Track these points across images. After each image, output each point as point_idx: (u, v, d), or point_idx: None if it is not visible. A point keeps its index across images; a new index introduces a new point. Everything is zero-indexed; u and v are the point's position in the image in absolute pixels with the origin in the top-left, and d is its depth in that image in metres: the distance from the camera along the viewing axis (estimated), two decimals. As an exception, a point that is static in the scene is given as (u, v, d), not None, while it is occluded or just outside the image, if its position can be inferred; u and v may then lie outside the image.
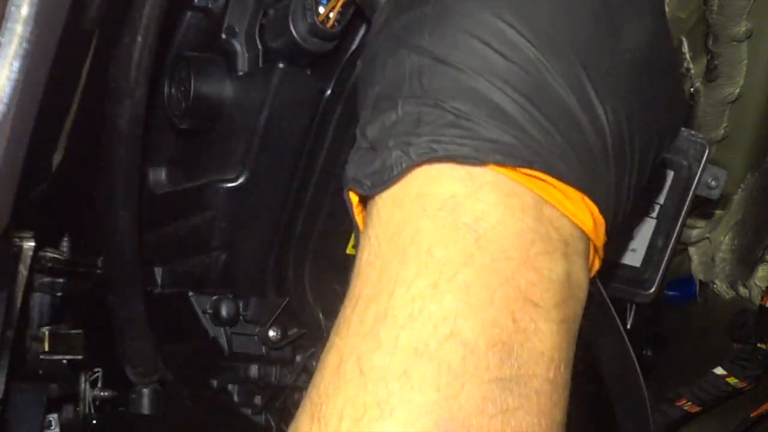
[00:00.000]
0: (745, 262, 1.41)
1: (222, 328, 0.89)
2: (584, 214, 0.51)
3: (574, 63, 0.50)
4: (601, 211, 0.51)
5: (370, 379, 0.45)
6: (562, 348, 0.49)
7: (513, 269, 0.47)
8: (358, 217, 0.54)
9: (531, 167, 0.48)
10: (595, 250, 0.53)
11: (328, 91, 0.80)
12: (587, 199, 0.51)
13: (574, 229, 0.50)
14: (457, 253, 0.47)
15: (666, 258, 0.78)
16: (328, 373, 0.48)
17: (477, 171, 0.48)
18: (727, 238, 1.40)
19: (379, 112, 0.52)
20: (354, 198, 0.53)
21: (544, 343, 0.47)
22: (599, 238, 0.52)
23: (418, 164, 0.49)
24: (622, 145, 0.52)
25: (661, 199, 0.78)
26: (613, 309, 0.66)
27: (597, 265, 0.54)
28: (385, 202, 0.50)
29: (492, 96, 0.49)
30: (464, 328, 0.46)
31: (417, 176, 0.49)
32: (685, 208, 0.78)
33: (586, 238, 0.51)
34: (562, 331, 0.49)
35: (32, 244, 0.73)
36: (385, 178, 0.49)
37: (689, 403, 1.42)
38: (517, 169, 0.48)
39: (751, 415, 1.39)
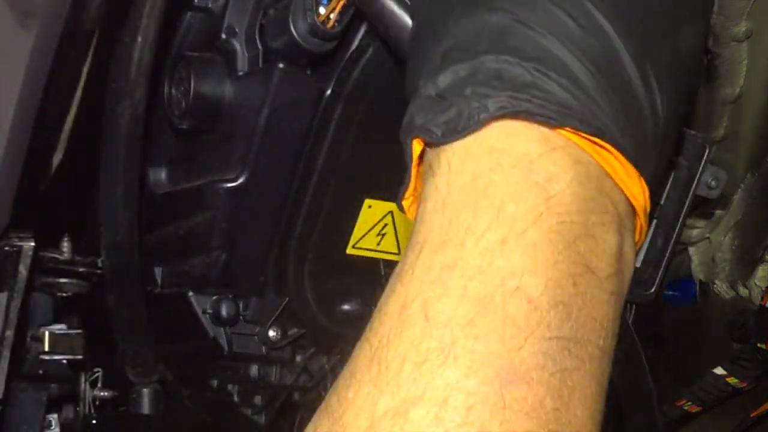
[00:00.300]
0: (745, 262, 1.41)
1: (222, 328, 0.89)
2: (639, 193, 0.52)
3: (642, 50, 0.51)
4: (651, 191, 0.52)
5: (435, 326, 0.46)
6: (611, 318, 0.49)
7: (576, 234, 0.48)
8: (415, 169, 0.53)
9: (602, 138, 0.49)
10: (641, 229, 0.54)
11: (328, 91, 0.80)
12: (642, 180, 0.52)
13: (628, 206, 0.52)
14: (528, 210, 0.48)
15: (666, 258, 0.78)
16: (388, 318, 0.48)
17: (550, 134, 0.49)
18: (727, 238, 1.40)
19: (452, 63, 0.52)
20: (417, 148, 0.52)
21: (597, 311, 0.48)
22: (645, 217, 0.53)
23: (496, 118, 0.49)
24: (667, 136, 0.53)
25: (661, 199, 0.78)
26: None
27: (639, 241, 0.55)
28: (457, 151, 0.50)
29: (569, 63, 0.50)
30: (530, 285, 0.46)
31: (492, 130, 0.49)
32: (685, 208, 0.78)
33: (635, 216, 0.53)
34: (612, 302, 0.49)
35: (32, 244, 0.73)
36: (461, 128, 0.49)
37: (689, 403, 1.42)
38: (589, 137, 0.49)
39: (751, 415, 1.39)
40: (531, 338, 0.46)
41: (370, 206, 0.87)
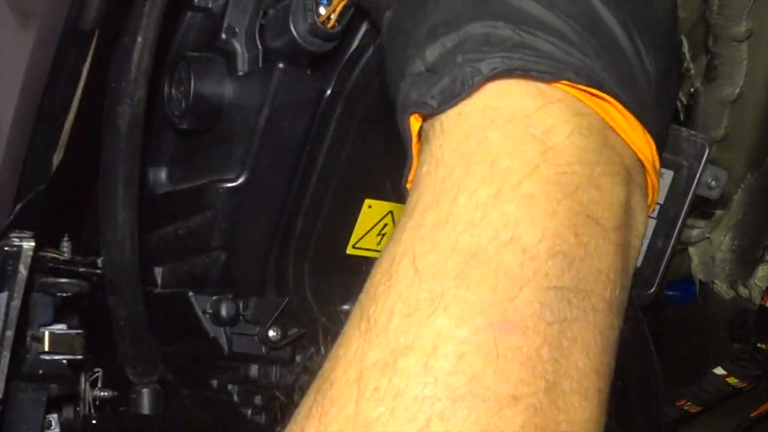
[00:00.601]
0: (745, 262, 1.41)
1: (222, 328, 0.89)
2: (645, 147, 0.51)
3: (622, 11, 0.51)
4: (658, 148, 0.52)
5: (425, 278, 0.45)
6: (618, 271, 0.48)
7: (577, 184, 0.47)
8: (415, 147, 0.52)
9: (601, 89, 0.48)
10: (652, 187, 0.53)
11: (328, 91, 0.80)
12: (647, 133, 0.51)
13: (635, 159, 0.51)
14: (523, 163, 0.47)
15: (666, 258, 0.78)
16: (378, 275, 0.47)
17: (547, 88, 0.48)
18: (727, 238, 1.40)
19: (438, 36, 0.51)
20: (415, 125, 0.52)
21: (602, 262, 0.47)
22: (655, 174, 0.52)
23: (491, 78, 0.48)
24: (661, 94, 0.53)
25: (661, 199, 0.78)
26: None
27: (652, 202, 0.54)
28: (450, 116, 0.49)
29: (556, 24, 0.49)
30: (525, 235, 0.45)
31: (486, 91, 0.49)
32: (685, 208, 0.78)
33: (644, 172, 0.52)
34: (619, 254, 0.48)
35: (32, 244, 0.73)
36: (456, 93, 0.49)
37: (689, 403, 1.42)
38: (588, 89, 0.48)
39: (751, 415, 1.39)
40: (526, 288, 0.44)
41: (370, 206, 0.87)
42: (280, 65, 0.79)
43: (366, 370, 0.44)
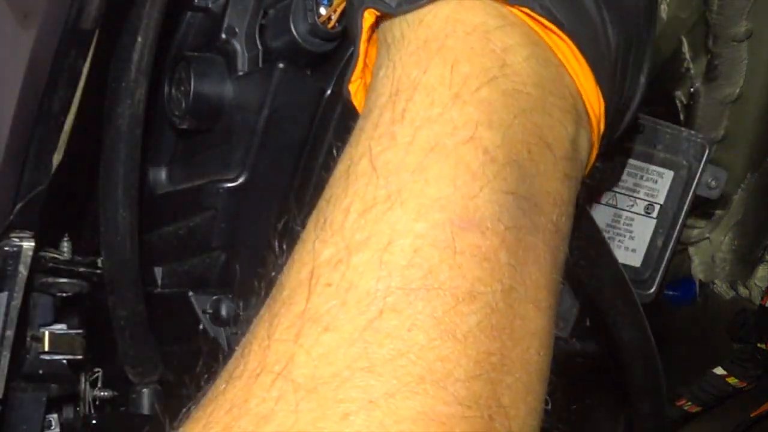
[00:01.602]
0: (745, 262, 1.41)
1: (222, 328, 0.89)
2: (594, 99, 0.50)
3: None
4: (607, 113, 0.51)
5: (382, 174, 0.44)
6: (565, 200, 0.48)
7: (531, 105, 0.46)
8: (363, 45, 0.51)
9: (562, 29, 0.48)
10: (594, 145, 0.52)
11: (328, 91, 0.80)
12: (600, 91, 0.50)
13: (584, 107, 0.50)
14: (482, 71, 0.46)
15: (666, 258, 0.78)
16: (335, 179, 0.46)
17: (508, 12, 0.48)
18: (727, 238, 1.40)
19: None
20: (368, 20, 0.50)
21: (551, 186, 0.46)
22: (600, 133, 0.52)
23: None
24: (625, 67, 0.52)
25: (661, 199, 0.78)
26: (606, 241, 0.65)
27: (593, 159, 0.53)
28: (410, 23, 0.48)
29: None
30: (485, 137, 0.44)
31: (449, 2, 0.48)
32: (685, 208, 0.78)
33: (590, 123, 0.51)
34: (566, 184, 0.48)
35: (32, 244, 0.73)
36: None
37: (689, 403, 1.42)
38: (549, 25, 0.48)
39: (751, 415, 1.39)
40: (486, 188, 0.43)
41: (370, 206, 0.87)
42: (280, 65, 0.79)
43: (318, 267, 0.42)
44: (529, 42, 0.48)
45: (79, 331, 0.83)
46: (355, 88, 0.53)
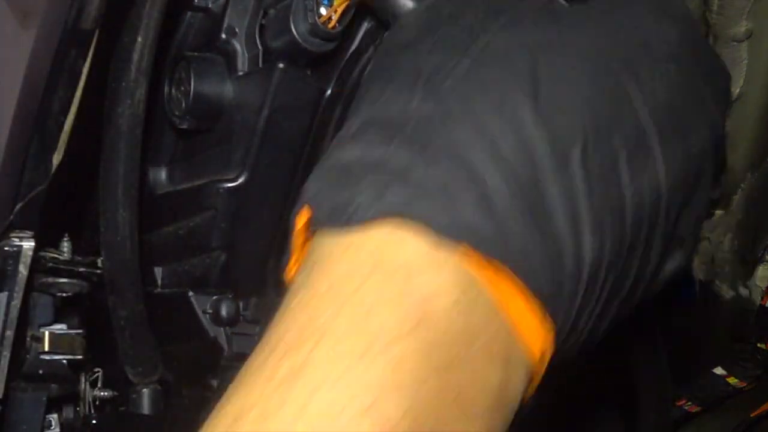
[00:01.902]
0: (745, 262, 1.41)
1: (222, 328, 0.89)
2: (537, 336, 0.47)
3: (577, 182, 0.47)
4: (555, 339, 0.48)
5: None
6: None
7: (449, 362, 0.43)
8: (297, 240, 0.49)
9: (505, 263, 0.45)
10: (535, 374, 0.49)
11: (328, 91, 0.80)
12: (546, 321, 0.47)
13: (519, 350, 0.47)
14: (398, 323, 0.43)
15: (666, 258, 0.78)
16: (226, 419, 0.44)
17: (443, 248, 0.45)
18: (727, 238, 1.40)
19: (366, 137, 0.48)
20: (304, 216, 0.49)
21: None
22: (543, 364, 0.49)
23: (389, 216, 0.45)
24: (595, 284, 0.49)
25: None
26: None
27: (536, 383, 0.50)
28: (338, 243, 0.46)
29: (487, 179, 0.46)
30: (389, 405, 0.41)
31: (381, 228, 0.45)
32: (685, 208, 0.78)
33: (530, 357, 0.48)
34: None
35: (32, 244, 0.73)
36: (347, 217, 0.46)
37: (689, 403, 1.42)
38: (488, 260, 0.45)
39: (751, 415, 1.39)
40: None
41: (370, 206, 0.87)
42: (280, 65, 0.78)
43: None
44: (459, 283, 0.45)
45: (79, 331, 0.83)
46: (291, 272, 0.50)
